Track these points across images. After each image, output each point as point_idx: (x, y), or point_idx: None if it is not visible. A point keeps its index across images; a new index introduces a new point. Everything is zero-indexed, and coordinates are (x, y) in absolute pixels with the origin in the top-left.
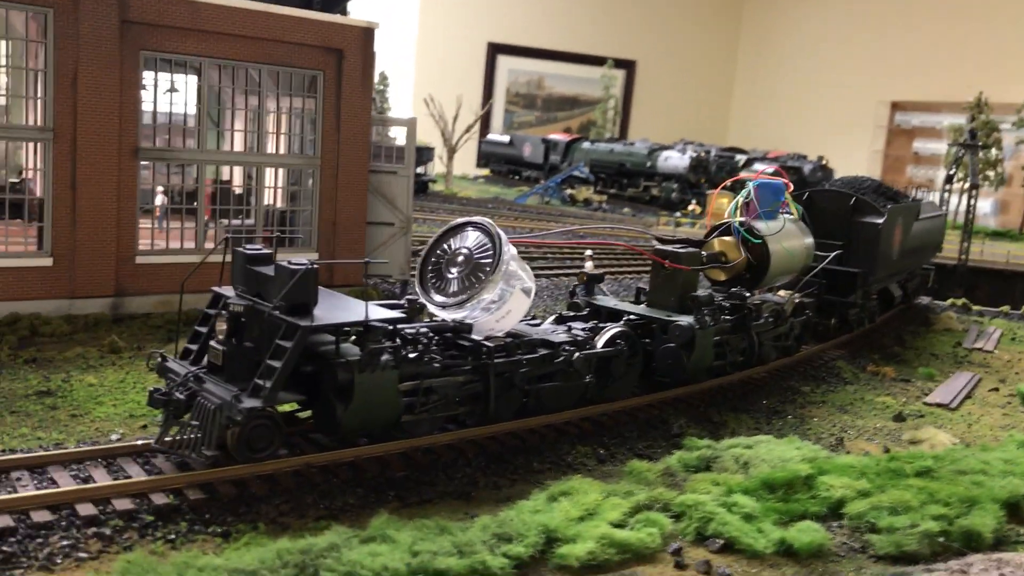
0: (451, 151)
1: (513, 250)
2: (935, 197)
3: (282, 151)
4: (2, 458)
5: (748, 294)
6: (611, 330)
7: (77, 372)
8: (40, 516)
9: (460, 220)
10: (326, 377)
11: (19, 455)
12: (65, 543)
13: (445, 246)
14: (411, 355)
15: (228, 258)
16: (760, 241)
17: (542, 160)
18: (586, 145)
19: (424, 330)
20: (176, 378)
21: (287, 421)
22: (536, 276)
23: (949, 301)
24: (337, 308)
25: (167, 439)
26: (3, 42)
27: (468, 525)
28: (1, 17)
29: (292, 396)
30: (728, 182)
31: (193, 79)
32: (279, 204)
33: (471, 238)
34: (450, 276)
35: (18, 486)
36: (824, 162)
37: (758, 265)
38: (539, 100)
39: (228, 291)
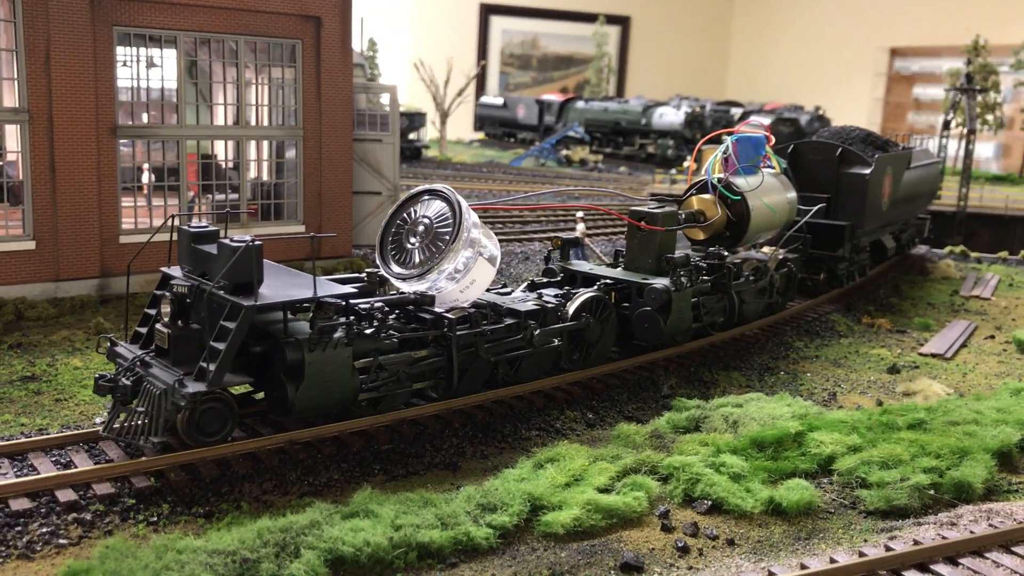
0: (444, 115)
1: (475, 217)
2: (934, 143)
3: (264, 123)
4: None
5: (726, 253)
6: (583, 296)
7: (63, 355)
8: (19, 504)
9: (420, 188)
10: (276, 357)
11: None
12: (45, 530)
13: (405, 215)
14: (366, 331)
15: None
16: (739, 198)
17: (536, 121)
18: (580, 104)
19: (379, 304)
20: (124, 363)
21: (244, 402)
22: (526, 240)
23: (947, 249)
24: (287, 286)
25: (115, 426)
26: None
27: (452, 496)
28: None
29: (239, 378)
30: (710, 136)
31: (170, 53)
32: (264, 177)
33: (432, 207)
34: (410, 247)
35: None
36: (821, 112)
37: (738, 222)
38: (534, 60)
39: (176, 271)
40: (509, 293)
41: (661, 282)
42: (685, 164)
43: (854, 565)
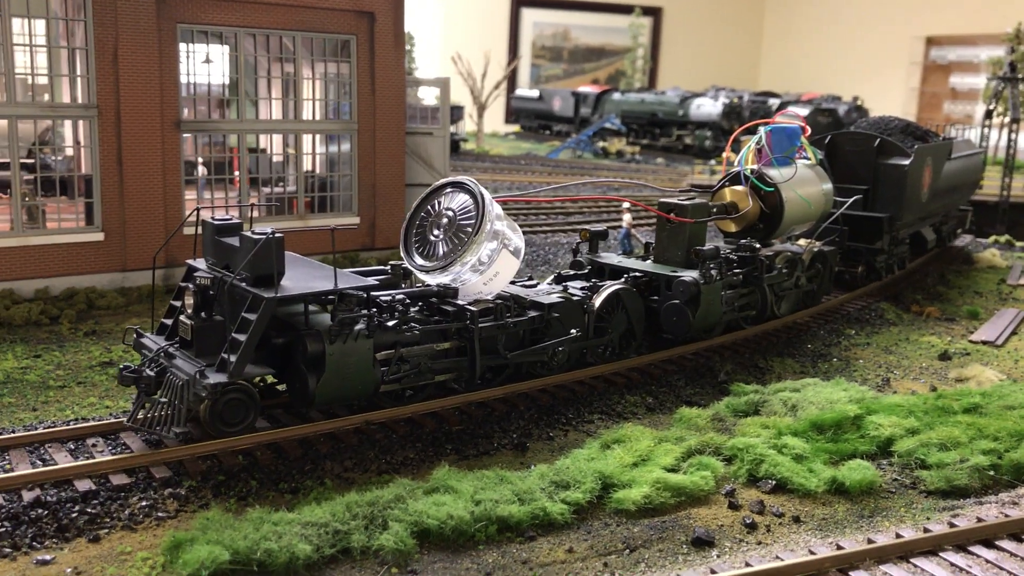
0: (481, 109)
1: (499, 209)
2: (974, 133)
3: (318, 117)
4: (77, 426)
5: (758, 245)
6: (609, 288)
7: None
8: (119, 479)
9: (443, 180)
10: (297, 348)
11: (92, 423)
12: (144, 504)
13: (429, 208)
14: (388, 323)
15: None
16: (772, 189)
17: (572, 113)
18: (616, 96)
19: (400, 297)
20: (149, 354)
21: (268, 393)
22: (571, 231)
23: (992, 239)
24: (310, 278)
25: (138, 416)
26: (40, 21)
27: (526, 474)
28: None
29: (260, 370)
30: (747, 125)
31: (227, 49)
32: (317, 170)
33: (455, 199)
34: (433, 239)
35: (95, 452)
36: (859, 102)
37: (771, 214)
38: (565, 52)
39: (201, 264)
40: (534, 286)
41: (690, 275)
42: (724, 155)
43: (920, 540)
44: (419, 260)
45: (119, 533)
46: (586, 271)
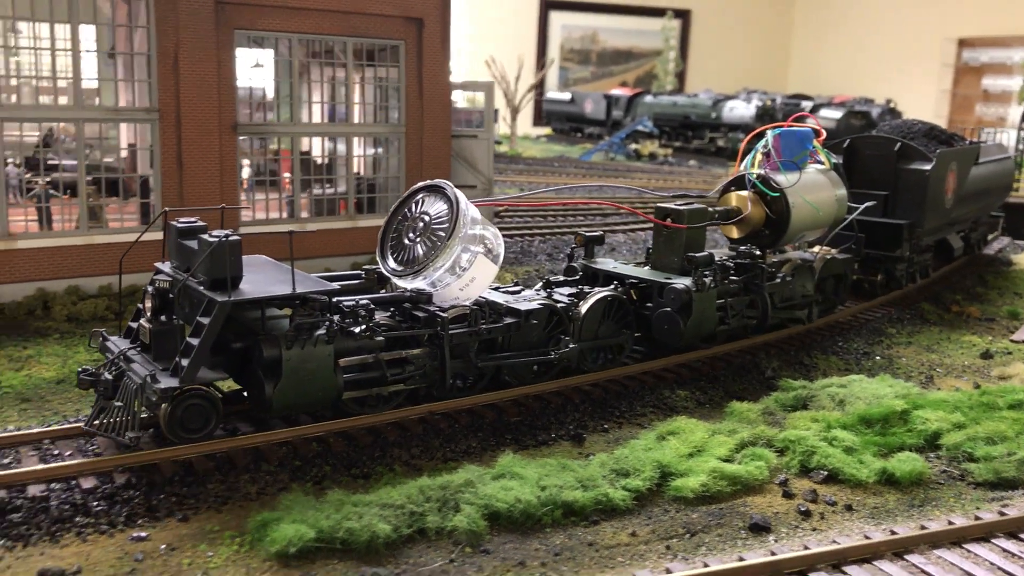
0: (514, 111)
1: (475, 213)
2: (1008, 136)
3: (367, 120)
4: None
5: (758, 252)
6: (596, 295)
7: None
8: (200, 465)
9: (420, 184)
10: (255, 354)
11: None
12: (224, 486)
13: (406, 211)
14: (351, 329)
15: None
16: (778, 194)
17: (604, 116)
18: (649, 99)
19: (364, 302)
20: (110, 357)
21: (234, 399)
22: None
23: None
24: (273, 281)
25: (95, 422)
26: (92, 27)
27: (586, 463)
28: (90, 3)
29: (214, 375)
30: (759, 130)
31: (279, 54)
32: (362, 172)
33: (432, 202)
34: (408, 243)
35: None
36: (893, 105)
37: (777, 220)
38: (593, 55)
39: (168, 267)
40: (519, 292)
41: (682, 282)
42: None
43: (972, 527)
44: (392, 264)
45: (205, 513)
46: (577, 277)
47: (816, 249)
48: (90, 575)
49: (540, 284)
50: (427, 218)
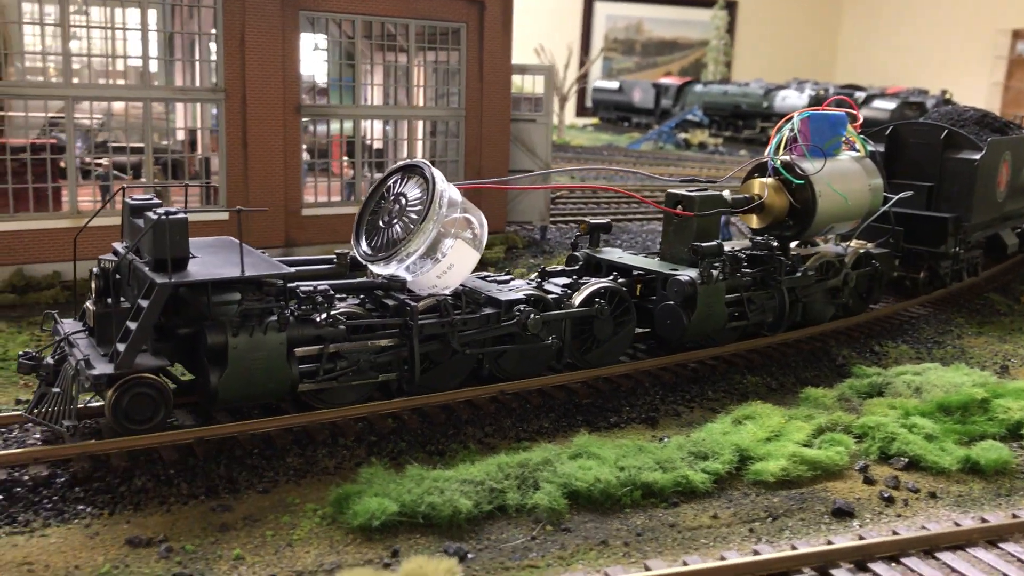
0: (562, 100)
1: (454, 195)
2: None
3: (427, 104)
4: None
5: (775, 243)
6: (591, 287)
7: None
8: (279, 439)
9: (400, 163)
10: (200, 340)
11: None
12: (302, 460)
13: (384, 192)
14: (308, 317)
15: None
16: (802, 182)
17: (653, 105)
18: (699, 88)
19: (324, 288)
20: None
21: (191, 389)
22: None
23: None
24: (228, 264)
25: (35, 409)
26: (153, 9)
27: (662, 445)
28: None
29: (156, 362)
30: (788, 117)
31: (340, 36)
32: (421, 155)
33: (408, 183)
34: (383, 226)
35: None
36: (948, 96)
37: (802, 210)
38: (638, 45)
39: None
40: (508, 281)
41: (688, 274)
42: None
43: None
44: (365, 248)
45: (285, 486)
46: (577, 267)
47: (852, 243)
48: (176, 544)
49: (535, 274)
50: (403, 200)
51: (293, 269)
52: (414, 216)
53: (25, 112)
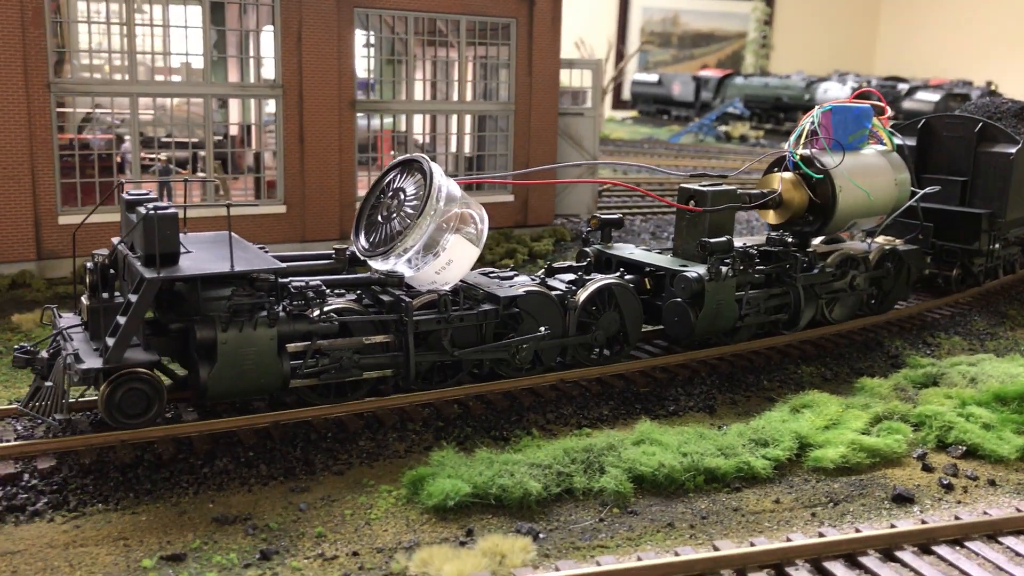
0: (602, 93)
1: (453, 190)
2: None
3: (477, 98)
4: None
5: (790, 239)
6: (597, 283)
7: None
8: (352, 423)
9: (400, 158)
10: (191, 335)
11: None
12: (373, 444)
13: (385, 187)
14: (300, 313)
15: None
16: (822, 177)
17: (693, 98)
18: (739, 80)
19: (316, 283)
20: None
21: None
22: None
23: None
24: (221, 259)
25: (31, 402)
26: (198, 7)
27: (723, 433)
28: None
29: (144, 357)
30: (818, 108)
31: (396, 33)
32: (466, 150)
33: (407, 178)
34: (380, 221)
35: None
36: (993, 87)
37: (823, 205)
38: (674, 37)
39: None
40: (511, 277)
41: (696, 270)
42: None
43: None
44: (363, 244)
45: (358, 468)
46: (585, 263)
47: (880, 239)
48: (259, 521)
49: (543, 270)
50: (401, 195)
51: (284, 265)
52: (411, 211)
53: (73, 108)
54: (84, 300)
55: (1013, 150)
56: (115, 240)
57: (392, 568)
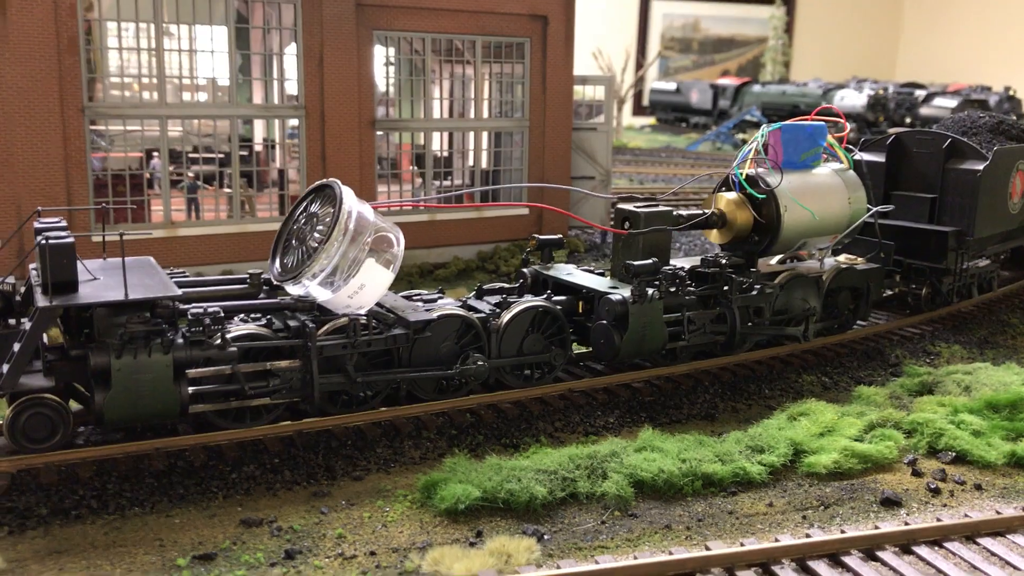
0: (620, 103)
1: (366, 214)
2: None
3: (492, 115)
4: None
5: (724, 260)
6: (520, 305)
7: None
8: (370, 432)
9: (315, 184)
10: (86, 362)
11: None
12: (390, 451)
13: (300, 211)
14: (198, 339)
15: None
16: (764, 196)
17: (710, 106)
18: (756, 88)
19: (214, 309)
20: None
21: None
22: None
23: None
24: (114, 287)
25: None
26: (225, 27)
27: (721, 440)
28: (233, 8)
29: (40, 382)
30: (766, 127)
31: (415, 53)
32: (483, 165)
33: (319, 203)
34: (294, 245)
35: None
36: (1012, 92)
37: (767, 225)
38: (694, 43)
39: None
40: (436, 300)
41: (620, 292)
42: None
43: None
44: (277, 268)
45: (376, 474)
46: (517, 285)
47: (844, 258)
48: (284, 523)
49: (473, 293)
50: (314, 220)
51: (182, 292)
52: (319, 236)
53: (106, 128)
54: None
55: (981, 167)
56: (31, 267)
57: (406, 567)
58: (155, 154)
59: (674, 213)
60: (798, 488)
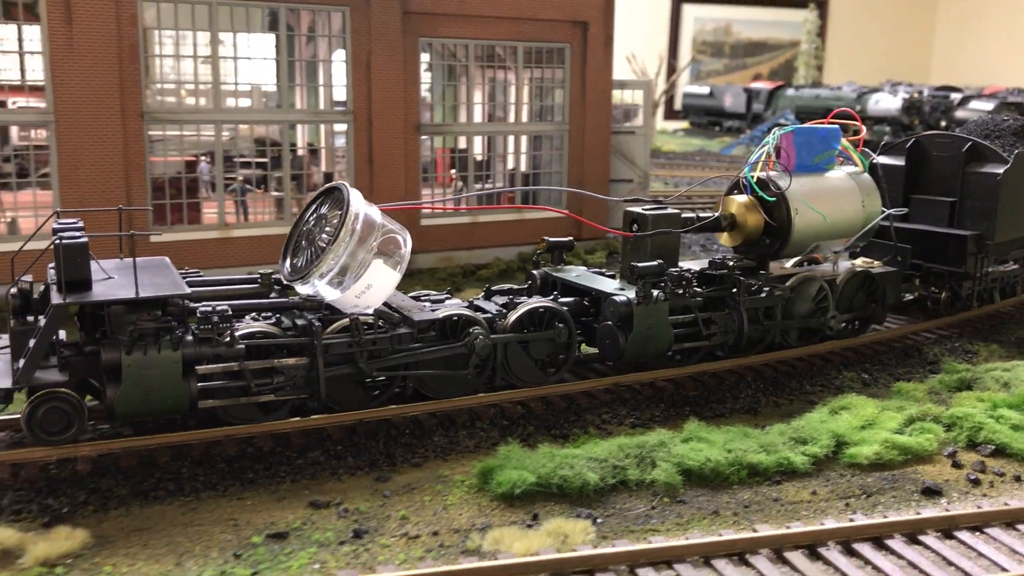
0: (654, 106)
1: (373, 215)
2: None
3: (532, 118)
4: None
5: (731, 262)
6: (526, 306)
7: None
8: (426, 421)
9: (326, 185)
10: (98, 358)
11: None
12: (447, 441)
13: (309, 212)
14: (207, 336)
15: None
16: (775, 200)
17: (744, 110)
18: (790, 92)
19: (222, 308)
20: None
21: None
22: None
23: None
24: (142, 285)
25: None
26: (273, 35)
27: (765, 432)
28: (283, 16)
29: (60, 377)
30: (778, 130)
31: (458, 59)
32: (522, 168)
33: (328, 204)
34: (304, 246)
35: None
36: None
37: (779, 228)
38: (726, 47)
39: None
40: (443, 300)
41: (625, 294)
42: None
43: None
44: (287, 268)
45: (433, 462)
46: (527, 286)
47: (860, 261)
48: (350, 505)
49: (483, 294)
50: (322, 221)
51: (192, 290)
52: (327, 237)
53: (163, 133)
54: (11, 322)
55: (1001, 170)
56: (49, 267)
57: (468, 546)
58: (203, 158)
59: (683, 216)
60: (840, 478)
